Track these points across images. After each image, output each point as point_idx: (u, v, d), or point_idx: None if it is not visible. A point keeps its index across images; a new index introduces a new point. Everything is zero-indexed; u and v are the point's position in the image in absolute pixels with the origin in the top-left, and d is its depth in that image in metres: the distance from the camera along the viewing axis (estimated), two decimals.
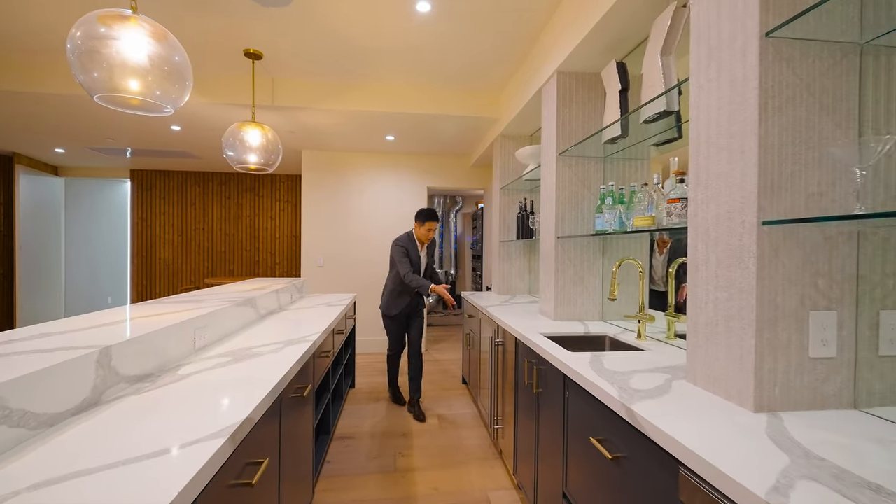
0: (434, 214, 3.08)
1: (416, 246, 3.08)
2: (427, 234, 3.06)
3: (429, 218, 3.05)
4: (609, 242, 2.27)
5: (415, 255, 3.05)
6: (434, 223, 3.06)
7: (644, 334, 1.78)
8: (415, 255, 3.05)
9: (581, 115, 2.26)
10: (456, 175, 4.96)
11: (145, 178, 5.95)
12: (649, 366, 1.38)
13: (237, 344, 1.70)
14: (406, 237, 3.09)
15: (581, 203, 2.27)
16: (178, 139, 4.24)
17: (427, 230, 3.05)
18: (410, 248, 3.02)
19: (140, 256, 5.94)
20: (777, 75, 0.99)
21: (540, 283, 2.46)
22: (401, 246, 3.02)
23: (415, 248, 3.06)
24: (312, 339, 1.80)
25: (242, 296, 2.21)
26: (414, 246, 3.06)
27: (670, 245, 2.15)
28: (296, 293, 3.13)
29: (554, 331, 1.98)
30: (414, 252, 3.04)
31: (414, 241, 3.09)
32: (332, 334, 2.38)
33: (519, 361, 2.02)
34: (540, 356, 1.69)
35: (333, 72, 3.05)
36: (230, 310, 1.90)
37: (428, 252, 3.21)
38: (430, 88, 3.35)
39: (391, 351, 3.23)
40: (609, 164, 2.28)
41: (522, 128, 3.30)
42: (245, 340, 1.76)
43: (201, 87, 3.06)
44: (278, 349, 1.64)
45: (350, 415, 3.01)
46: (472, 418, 2.98)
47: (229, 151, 2.62)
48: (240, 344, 1.70)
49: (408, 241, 3.06)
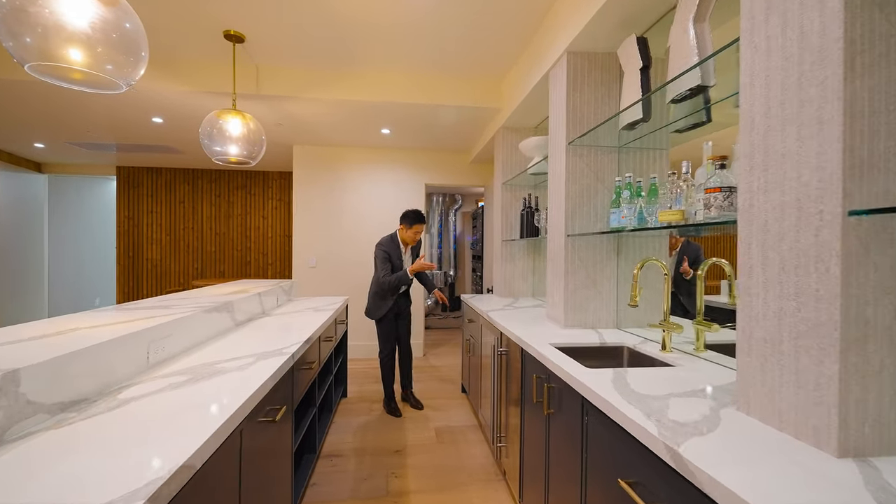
0: (422, 217, 2.99)
1: (400, 249, 3.00)
2: (414, 237, 2.98)
3: (416, 220, 2.96)
4: (624, 241, 2.05)
5: (397, 259, 2.97)
6: (421, 226, 2.98)
7: (669, 346, 1.56)
8: (397, 259, 2.97)
9: (593, 101, 2.04)
10: (455, 172, 4.73)
11: (132, 175, 5.72)
12: (685, 387, 1.16)
13: (201, 358, 1.47)
14: (388, 240, 2.99)
15: (594, 197, 2.04)
16: (162, 133, 4.01)
17: (414, 233, 2.97)
18: (392, 252, 2.95)
19: (126, 256, 5.71)
20: (867, 23, 0.77)
21: (547, 286, 2.24)
22: (383, 249, 2.93)
23: (397, 251, 2.99)
24: (291, 352, 1.57)
25: (217, 300, 1.99)
26: (396, 248, 2.99)
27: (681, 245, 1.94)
28: (282, 296, 2.91)
29: (565, 340, 1.76)
30: (396, 255, 2.97)
31: (397, 243, 3.01)
32: (318, 343, 2.15)
33: (526, 375, 1.79)
34: (551, 372, 1.47)
35: (323, 58, 2.82)
36: (198, 317, 1.68)
37: (413, 255, 3.12)
38: (427, 77, 3.12)
39: (383, 353, 3.09)
40: (624, 155, 2.05)
41: (526, 119, 3.07)
42: (212, 353, 1.54)
43: (181, 74, 2.83)
44: (248, 364, 1.41)
45: (340, 428, 2.78)
46: (473, 432, 2.75)
47: (206, 141, 2.40)
48: (204, 357, 1.47)
49: (390, 244, 2.98)
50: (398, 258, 2.99)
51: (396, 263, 2.98)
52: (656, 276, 1.99)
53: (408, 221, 2.97)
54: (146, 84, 2.79)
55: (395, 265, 2.97)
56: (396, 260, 2.98)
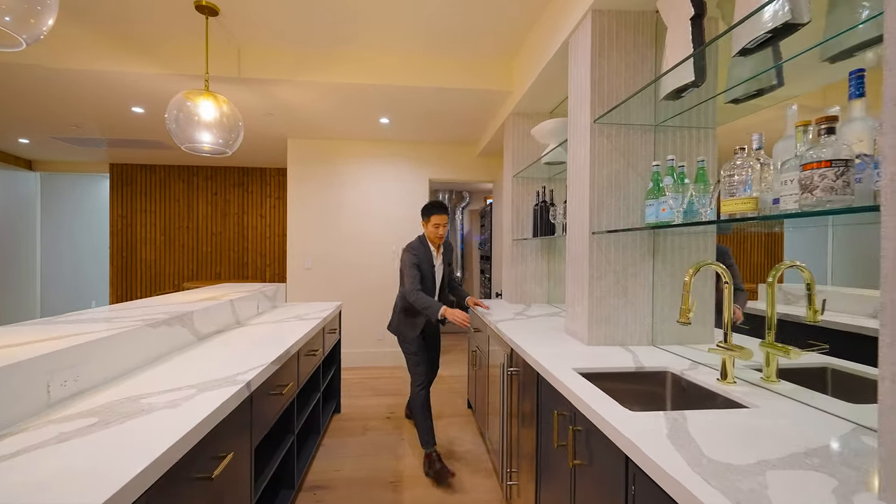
0: (439, 205, 2.45)
1: (431, 252, 2.48)
2: (435, 231, 2.44)
3: (433, 210, 2.43)
4: (662, 240, 1.69)
5: (427, 265, 2.44)
6: (441, 216, 2.43)
7: (732, 374, 1.20)
8: (427, 265, 2.44)
9: (623, 69, 1.69)
10: (461, 166, 4.39)
11: (125, 172, 5.50)
12: (778, 446, 0.81)
13: (127, 389, 1.16)
14: (418, 243, 2.47)
15: (623, 186, 1.69)
16: (147, 126, 3.75)
17: (434, 227, 2.43)
18: (423, 256, 2.42)
19: (120, 257, 5.49)
20: None
21: (566, 293, 1.89)
22: (412, 254, 2.40)
23: (428, 255, 2.46)
24: (246, 379, 1.25)
25: (173, 310, 1.68)
26: (427, 252, 2.46)
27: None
28: (264, 303, 2.60)
29: (591, 363, 1.41)
30: (427, 260, 2.44)
31: (427, 245, 2.47)
32: (296, 359, 1.84)
33: (543, 407, 1.45)
34: (578, 410, 1.12)
35: (312, 37, 2.51)
36: (138, 334, 1.37)
37: (444, 257, 2.57)
38: (428, 57, 2.79)
39: (419, 386, 2.39)
40: (661, 135, 1.70)
41: (540, 102, 2.72)
42: (144, 382, 1.22)
43: (152, 53, 2.54)
44: (185, 398, 1.09)
45: (329, 452, 2.46)
46: (479, 458, 2.41)
47: (173, 126, 2.10)
48: (131, 388, 1.16)
49: (420, 247, 2.45)
50: (429, 265, 2.45)
51: (426, 271, 2.43)
52: (703, 282, 1.63)
53: (425, 215, 2.46)
54: (113, 66, 2.51)
55: (425, 273, 2.43)
56: (427, 267, 2.44)
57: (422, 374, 2.41)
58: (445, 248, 2.59)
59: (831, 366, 1.19)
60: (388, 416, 2.97)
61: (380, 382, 3.74)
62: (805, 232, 1.35)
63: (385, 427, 2.80)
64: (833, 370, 1.19)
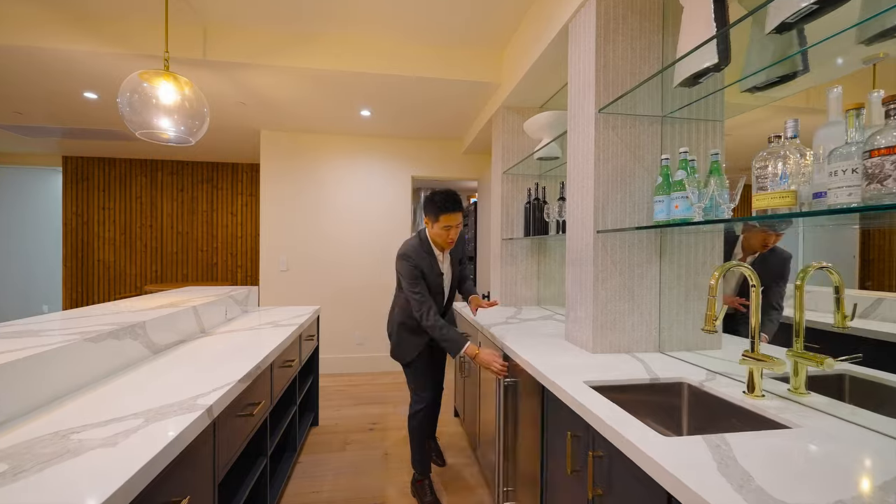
0: (453, 201, 1.87)
1: (434, 256, 1.96)
2: (446, 234, 1.90)
3: (444, 208, 1.85)
4: (669, 240, 1.58)
5: (432, 273, 1.94)
6: (455, 215, 1.87)
7: (760, 387, 1.09)
8: (432, 273, 1.94)
9: (630, 56, 1.57)
10: (445, 163, 4.23)
11: (80, 166, 5.07)
12: (848, 481, 0.68)
13: (55, 421, 0.94)
14: (415, 245, 1.94)
15: (630, 182, 1.57)
16: (102, 113, 3.42)
17: (444, 229, 1.88)
18: (423, 262, 1.91)
19: (74, 258, 5.06)
20: None
21: (567, 296, 1.76)
22: (410, 263, 1.88)
23: (430, 261, 1.94)
24: (207, 403, 1.05)
25: (122, 319, 1.45)
26: (429, 257, 1.94)
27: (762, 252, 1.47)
28: (234, 308, 2.37)
29: (602, 375, 1.28)
30: (430, 267, 1.93)
31: (429, 247, 1.96)
32: (269, 372, 1.63)
33: (549, 425, 1.31)
34: (598, 432, 0.98)
35: (286, 18, 2.30)
36: (76, 350, 1.14)
37: (453, 258, 2.08)
38: (413, 46, 2.62)
39: (416, 406, 2.04)
40: (668, 127, 1.59)
41: (531, 96, 2.60)
42: (77, 411, 1.01)
43: (106, 31, 2.27)
44: (128, 432, 0.89)
45: (307, 471, 2.26)
46: (469, 472, 2.26)
47: (127, 110, 1.85)
48: (60, 421, 0.95)
49: (418, 252, 1.92)
50: (433, 272, 1.95)
51: (432, 280, 1.95)
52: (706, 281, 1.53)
53: (431, 212, 1.89)
54: (59, 43, 2.22)
55: (431, 283, 1.95)
56: (431, 275, 1.94)
57: (425, 397, 2.04)
58: (455, 251, 2.09)
59: (849, 373, 1.10)
60: (370, 429, 2.78)
61: (360, 390, 3.54)
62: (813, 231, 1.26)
63: (367, 440, 2.61)
64: (851, 377, 1.10)
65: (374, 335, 4.08)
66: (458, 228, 1.91)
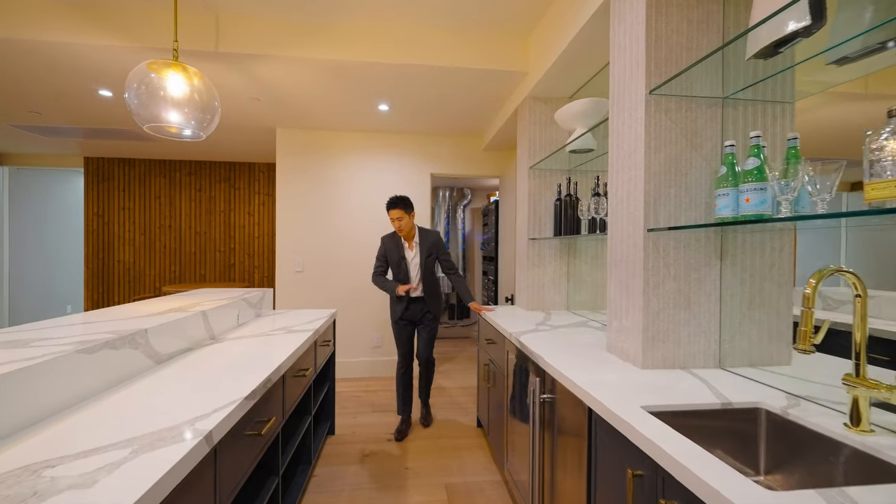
0: (391, 202, 2.58)
1: (401, 245, 2.71)
2: (397, 225, 2.63)
3: (388, 207, 2.60)
4: (732, 239, 1.38)
5: (394, 254, 2.69)
6: (393, 212, 2.58)
7: (867, 419, 0.89)
8: (394, 254, 2.69)
9: (686, 28, 1.37)
10: (465, 159, 4.06)
11: (101, 166, 5.09)
12: None
13: (29, 450, 0.82)
14: (391, 234, 2.76)
15: (686, 174, 1.37)
16: (118, 113, 3.37)
17: (392, 221, 2.63)
18: (390, 247, 2.70)
19: (95, 259, 5.08)
20: None
21: (609, 302, 1.57)
22: (382, 242, 2.74)
23: (395, 246, 2.70)
24: (207, 428, 0.91)
25: (122, 327, 1.33)
26: (395, 243, 2.70)
27: None
28: (247, 311, 2.25)
29: (661, 397, 1.09)
30: (394, 250, 2.69)
31: (398, 238, 2.72)
32: (281, 384, 1.50)
33: (599, 455, 1.12)
34: (669, 474, 0.80)
35: (302, 6, 2.17)
36: (65, 363, 1.02)
37: (422, 248, 2.70)
38: (433, 34, 2.46)
39: (400, 367, 2.78)
40: (730, 110, 1.39)
41: (560, 84, 2.40)
42: (58, 437, 0.88)
43: (116, 23, 2.19)
44: (110, 467, 0.75)
45: (322, 485, 2.12)
46: (497, 492, 2.09)
47: (134, 103, 1.75)
48: (35, 450, 0.82)
49: (389, 238, 2.73)
50: (396, 255, 2.68)
51: (394, 260, 2.69)
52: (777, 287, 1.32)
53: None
54: (67, 37, 2.15)
55: (393, 260, 2.70)
56: (395, 256, 2.69)
57: (400, 359, 2.75)
58: (425, 240, 2.70)
59: None
60: (388, 439, 2.63)
61: (378, 396, 3.41)
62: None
63: (386, 451, 2.47)
64: None
65: (390, 337, 3.94)
66: (399, 221, 2.59)
